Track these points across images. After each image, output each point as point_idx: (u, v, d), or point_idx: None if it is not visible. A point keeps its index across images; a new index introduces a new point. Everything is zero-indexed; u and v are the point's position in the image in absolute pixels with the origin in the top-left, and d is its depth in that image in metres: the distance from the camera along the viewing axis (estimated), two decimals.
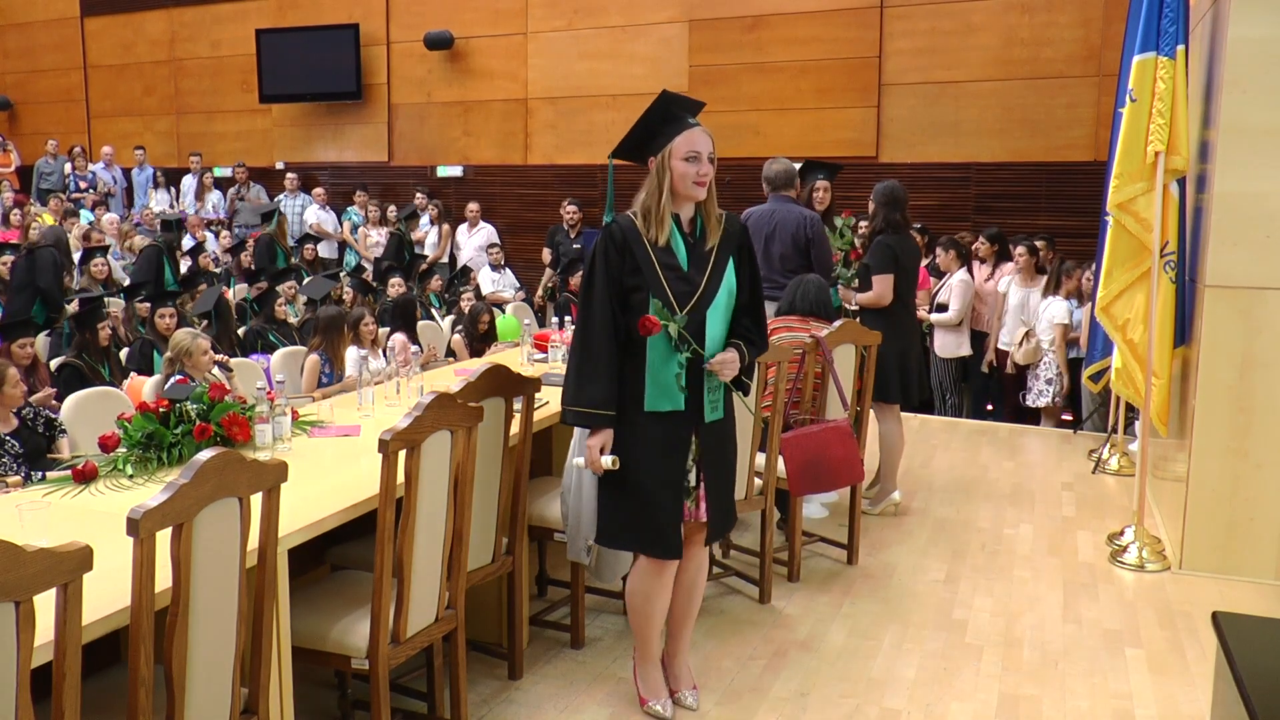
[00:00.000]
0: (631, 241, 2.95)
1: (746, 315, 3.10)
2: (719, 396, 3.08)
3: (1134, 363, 4.86)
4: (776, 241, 5.43)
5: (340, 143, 12.56)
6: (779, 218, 5.50)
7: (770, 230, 5.46)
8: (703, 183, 2.95)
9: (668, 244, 2.96)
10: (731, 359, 3.01)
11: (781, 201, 5.57)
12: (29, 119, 14.55)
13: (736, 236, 3.06)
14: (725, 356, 3.00)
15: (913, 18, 9.58)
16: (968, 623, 4.06)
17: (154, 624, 2.14)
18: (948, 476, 5.94)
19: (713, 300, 2.98)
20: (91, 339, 6.00)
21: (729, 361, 3.01)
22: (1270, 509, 4.45)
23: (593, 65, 10.93)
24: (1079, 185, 8.72)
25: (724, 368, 3.00)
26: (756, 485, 4.17)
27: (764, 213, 5.55)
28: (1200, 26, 5.19)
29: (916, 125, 9.67)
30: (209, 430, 3.32)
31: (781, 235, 5.46)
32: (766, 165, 5.72)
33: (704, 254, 2.99)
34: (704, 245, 3.00)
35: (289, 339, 7.01)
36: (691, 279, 2.97)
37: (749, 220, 5.60)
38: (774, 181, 5.62)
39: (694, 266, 2.98)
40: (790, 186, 5.64)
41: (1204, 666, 3.64)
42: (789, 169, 5.65)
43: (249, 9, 12.77)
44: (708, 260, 2.99)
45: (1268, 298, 4.38)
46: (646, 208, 2.98)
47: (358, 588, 3.04)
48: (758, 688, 3.53)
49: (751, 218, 5.57)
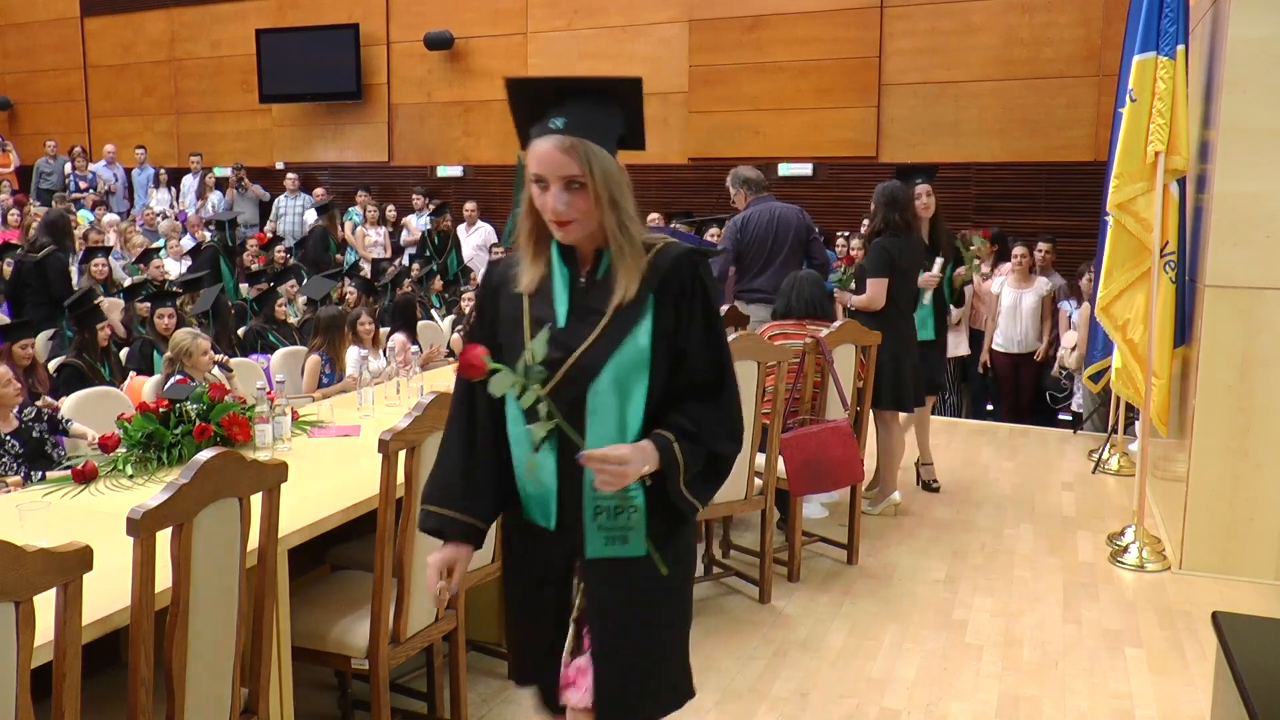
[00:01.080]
0: (505, 284, 2.00)
1: (696, 398, 1.95)
2: (629, 521, 1.92)
3: (1134, 363, 4.87)
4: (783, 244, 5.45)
5: (340, 143, 12.56)
6: (780, 213, 5.52)
7: (775, 233, 5.47)
8: (564, 223, 1.86)
9: (544, 288, 1.96)
10: (619, 459, 1.82)
11: (769, 200, 5.59)
12: (29, 119, 14.55)
13: (669, 275, 1.92)
14: (610, 452, 1.82)
15: (913, 18, 9.58)
16: (968, 623, 4.06)
17: (154, 624, 2.14)
18: (948, 477, 5.94)
19: (599, 370, 1.88)
20: (91, 339, 6.00)
21: (610, 462, 1.82)
22: (1270, 509, 4.45)
23: (593, 65, 10.92)
24: (1079, 185, 8.72)
25: (601, 468, 1.82)
26: (756, 485, 4.18)
27: (762, 212, 5.55)
28: (1200, 26, 5.19)
29: (916, 125, 9.67)
30: (209, 430, 3.32)
31: (783, 231, 5.47)
32: (734, 174, 5.74)
33: (598, 303, 1.92)
34: (603, 291, 1.92)
35: (289, 339, 7.00)
36: (566, 339, 1.90)
37: (748, 222, 5.59)
38: (756, 184, 5.65)
39: (577, 320, 1.92)
40: (769, 188, 5.69)
41: (1204, 666, 3.64)
42: (760, 173, 5.73)
43: (249, 9, 12.77)
44: (601, 312, 1.91)
45: (1268, 298, 4.38)
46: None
47: (358, 588, 3.04)
48: (758, 688, 3.53)
49: (751, 220, 5.57)
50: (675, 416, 1.92)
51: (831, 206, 9.79)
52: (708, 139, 10.48)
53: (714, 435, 1.94)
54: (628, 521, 1.93)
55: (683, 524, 2.02)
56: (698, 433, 1.92)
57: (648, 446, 1.87)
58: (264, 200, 12.50)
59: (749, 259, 5.57)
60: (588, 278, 1.95)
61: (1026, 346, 7.47)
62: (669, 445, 1.89)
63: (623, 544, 1.93)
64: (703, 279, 1.96)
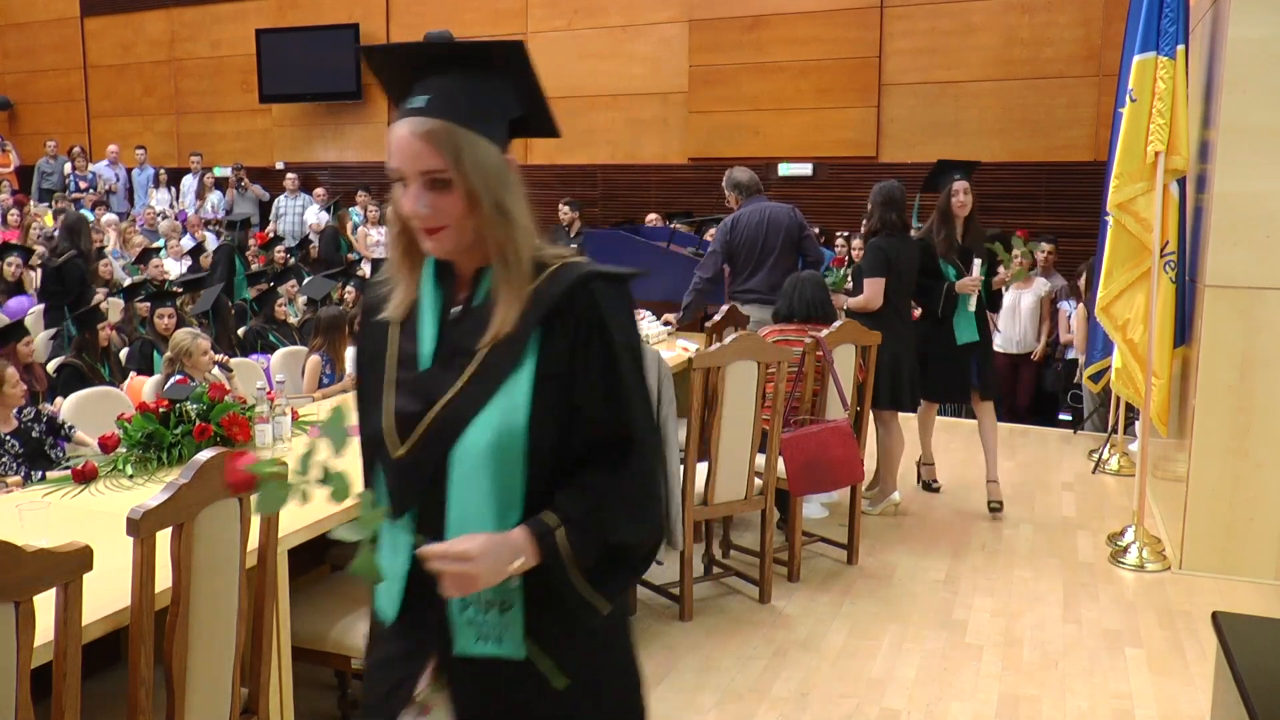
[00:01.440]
0: (376, 309, 1.58)
1: (599, 465, 1.48)
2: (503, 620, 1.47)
3: (1134, 363, 4.87)
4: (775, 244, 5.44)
5: (340, 143, 12.57)
6: (771, 214, 5.52)
7: (766, 232, 5.46)
8: (431, 230, 1.45)
9: (410, 317, 1.53)
10: (461, 555, 1.39)
11: (759, 201, 5.58)
12: (29, 119, 14.55)
13: (561, 304, 1.46)
14: (452, 548, 1.40)
15: (913, 18, 9.58)
16: (968, 623, 4.06)
17: (154, 624, 2.14)
18: (948, 476, 5.93)
19: (464, 429, 1.44)
20: (91, 339, 6.00)
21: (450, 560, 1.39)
22: (1270, 509, 4.45)
23: (593, 65, 10.94)
24: (1079, 185, 8.72)
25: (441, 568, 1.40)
26: (756, 485, 4.18)
27: (753, 212, 5.55)
28: (1200, 26, 5.19)
29: (916, 125, 9.67)
30: (209, 430, 3.32)
31: (773, 230, 5.46)
32: (727, 176, 5.74)
33: (471, 340, 1.47)
34: (480, 324, 1.47)
35: (289, 339, 7.00)
36: (428, 385, 1.48)
37: (737, 223, 5.59)
38: (749, 187, 5.65)
39: (442, 362, 1.48)
40: (761, 190, 5.68)
41: (1204, 666, 3.64)
42: (754, 174, 5.71)
43: (249, 9, 12.78)
44: (470, 352, 1.46)
45: (1268, 298, 4.38)
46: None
47: (358, 588, 3.03)
48: (758, 688, 3.53)
49: (740, 221, 5.57)
50: (565, 492, 1.46)
51: (831, 206, 9.79)
52: (708, 139, 10.48)
53: (611, 519, 1.46)
54: (499, 620, 1.47)
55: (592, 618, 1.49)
56: (588, 515, 1.45)
57: (517, 537, 1.42)
58: (264, 200, 12.51)
59: (740, 260, 5.56)
60: (464, 305, 1.50)
61: (1025, 347, 7.48)
62: (547, 534, 1.42)
63: (495, 642, 1.47)
64: (602, 308, 1.46)
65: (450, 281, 1.53)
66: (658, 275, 6.68)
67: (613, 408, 1.48)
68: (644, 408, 1.52)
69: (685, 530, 3.90)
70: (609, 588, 1.49)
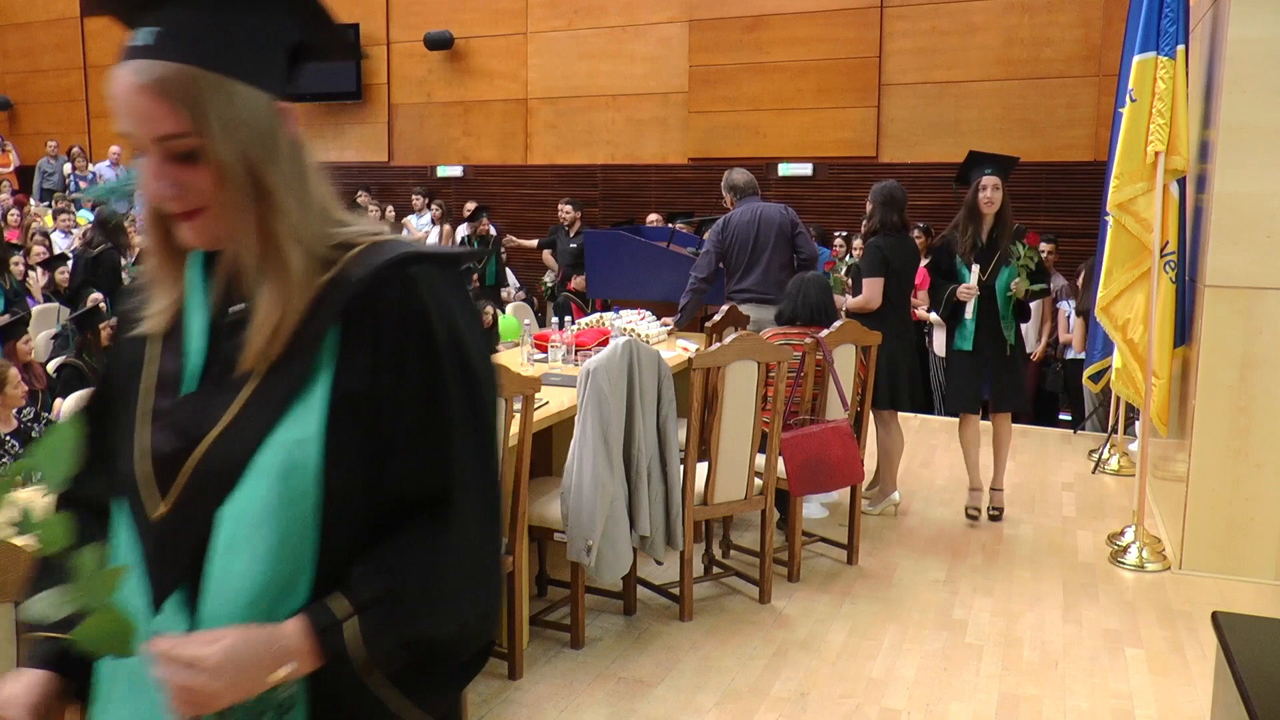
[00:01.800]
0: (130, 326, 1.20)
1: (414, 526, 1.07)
2: None
3: (1134, 363, 4.87)
4: (767, 242, 5.44)
5: (340, 143, 12.56)
6: (762, 213, 5.52)
7: (757, 231, 5.46)
8: (189, 214, 1.07)
9: (174, 329, 1.15)
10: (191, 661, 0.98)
11: (753, 201, 5.58)
12: (29, 119, 14.56)
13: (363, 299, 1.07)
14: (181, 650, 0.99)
15: (913, 18, 9.59)
16: (968, 623, 4.06)
17: None
18: (948, 476, 5.94)
19: (236, 477, 1.04)
20: (92, 339, 6.00)
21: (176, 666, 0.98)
22: (1270, 509, 4.45)
23: (593, 65, 10.94)
24: (1079, 185, 8.72)
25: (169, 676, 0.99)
26: (756, 485, 4.18)
27: (745, 212, 5.55)
28: (1200, 26, 5.19)
29: (916, 125, 9.67)
30: None
31: (765, 229, 5.46)
32: (727, 176, 5.74)
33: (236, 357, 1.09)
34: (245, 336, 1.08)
35: None
36: (191, 416, 1.10)
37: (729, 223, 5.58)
38: (744, 189, 5.65)
39: (214, 385, 1.10)
40: (757, 191, 5.69)
41: (1204, 666, 3.64)
42: (750, 176, 5.70)
43: None
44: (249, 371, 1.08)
45: (1268, 298, 4.39)
46: None
47: None
48: (758, 688, 3.53)
49: (733, 221, 5.57)
50: (362, 567, 1.06)
51: (831, 206, 9.80)
52: (708, 139, 10.49)
53: (417, 606, 1.06)
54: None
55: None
56: (386, 601, 1.05)
57: (289, 631, 1.02)
58: None
59: (734, 259, 5.56)
60: (247, 308, 1.09)
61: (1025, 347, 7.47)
62: (333, 628, 1.02)
63: None
64: (423, 300, 1.07)
65: (226, 278, 1.11)
66: (658, 275, 6.68)
67: (429, 446, 1.07)
68: (476, 448, 1.09)
69: (685, 530, 3.90)
70: (427, 697, 1.09)
